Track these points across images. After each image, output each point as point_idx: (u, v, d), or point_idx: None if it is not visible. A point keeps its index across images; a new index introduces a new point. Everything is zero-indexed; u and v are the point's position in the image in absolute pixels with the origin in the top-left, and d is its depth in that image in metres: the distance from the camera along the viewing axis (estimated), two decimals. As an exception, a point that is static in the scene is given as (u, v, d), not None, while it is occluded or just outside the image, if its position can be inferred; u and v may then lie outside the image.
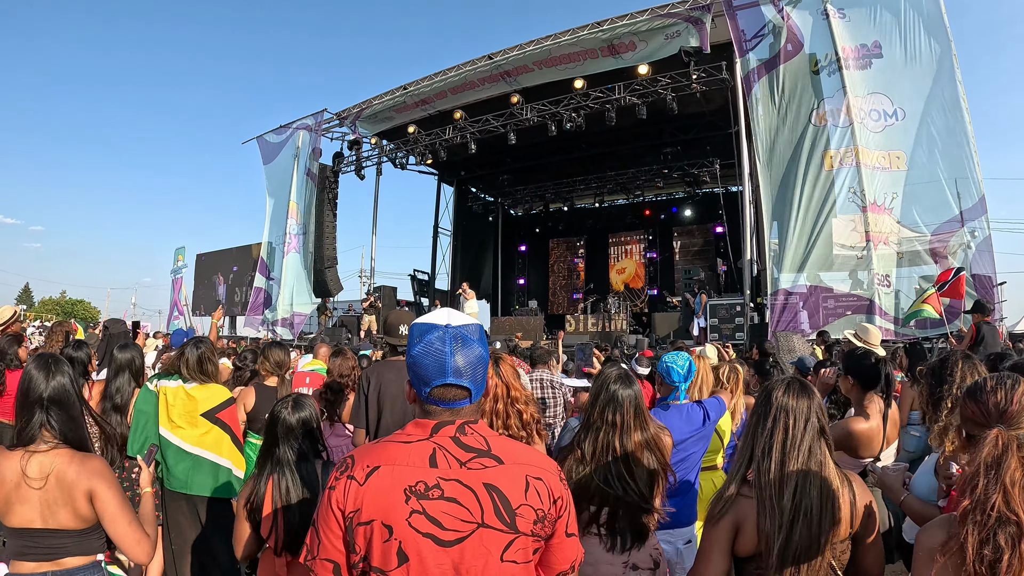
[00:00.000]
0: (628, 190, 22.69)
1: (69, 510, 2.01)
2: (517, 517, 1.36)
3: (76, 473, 2.02)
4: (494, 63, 15.41)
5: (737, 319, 12.92)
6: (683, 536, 3.18)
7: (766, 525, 1.76)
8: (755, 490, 1.82)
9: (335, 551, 1.37)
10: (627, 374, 2.65)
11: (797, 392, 1.89)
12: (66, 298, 75.16)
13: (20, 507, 1.99)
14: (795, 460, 1.80)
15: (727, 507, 1.86)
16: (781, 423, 1.84)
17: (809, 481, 1.78)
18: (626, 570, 2.48)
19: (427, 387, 1.41)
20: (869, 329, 6.39)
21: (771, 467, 1.80)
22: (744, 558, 1.86)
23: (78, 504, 2.01)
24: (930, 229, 10.29)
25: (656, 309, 19.09)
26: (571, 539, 1.49)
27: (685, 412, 3.24)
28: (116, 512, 2.05)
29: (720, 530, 1.85)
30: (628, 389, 2.56)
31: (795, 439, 1.82)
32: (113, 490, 2.06)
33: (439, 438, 1.40)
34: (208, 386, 3.87)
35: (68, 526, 2.02)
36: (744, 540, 1.83)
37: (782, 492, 1.77)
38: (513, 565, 1.36)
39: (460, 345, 1.41)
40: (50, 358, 2.18)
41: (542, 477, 1.42)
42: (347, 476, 1.37)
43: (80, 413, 2.16)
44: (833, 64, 11.10)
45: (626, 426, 2.51)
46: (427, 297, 22.19)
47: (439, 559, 1.32)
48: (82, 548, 2.07)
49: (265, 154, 21.26)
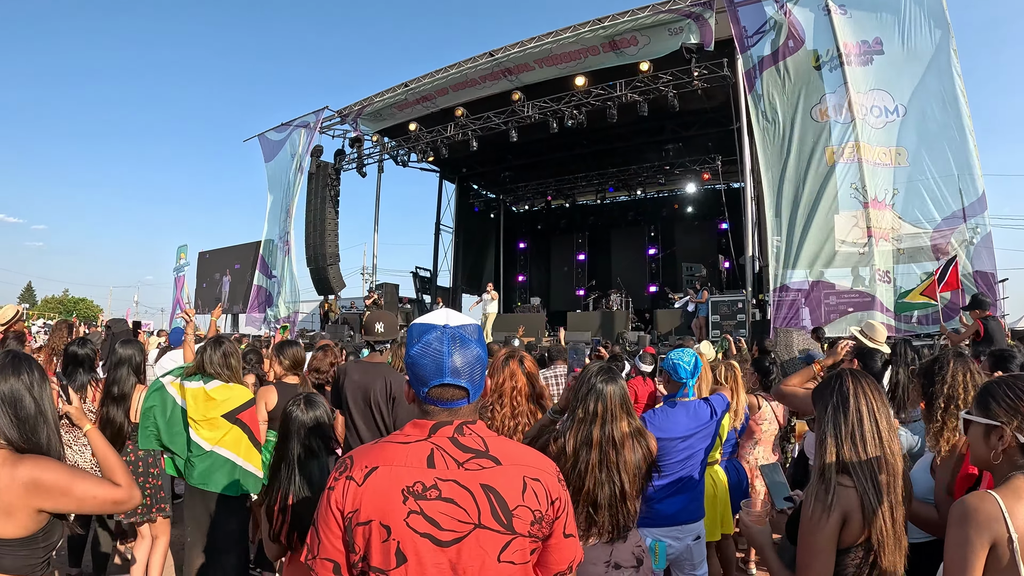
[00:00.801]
0: (630, 187, 22.69)
1: (3, 515, 1.73)
2: (514, 518, 1.36)
3: (10, 474, 1.74)
4: (495, 60, 15.39)
5: (739, 316, 12.93)
6: (692, 532, 3.20)
7: (878, 511, 1.76)
8: (856, 479, 1.79)
9: (335, 551, 1.38)
10: (611, 368, 2.63)
11: (864, 379, 1.91)
12: (68, 296, 75.34)
13: None
14: (880, 444, 1.82)
15: (834, 500, 1.79)
16: (865, 410, 1.84)
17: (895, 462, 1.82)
18: (608, 569, 2.45)
19: (425, 387, 1.41)
20: (876, 327, 6.36)
21: (864, 453, 1.81)
22: (843, 549, 1.82)
23: (15, 506, 1.74)
24: (931, 225, 10.28)
25: (658, 306, 19.10)
26: (569, 540, 1.49)
27: (692, 409, 3.25)
28: (70, 483, 1.80)
29: (832, 525, 1.79)
30: (612, 384, 2.54)
31: (877, 422, 1.84)
32: (55, 467, 1.81)
33: (437, 439, 1.41)
34: (230, 387, 3.84)
35: (3, 534, 1.74)
36: (850, 532, 1.80)
37: (877, 476, 1.79)
38: (510, 566, 1.37)
39: (458, 345, 1.41)
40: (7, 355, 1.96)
41: (540, 478, 1.42)
42: (346, 476, 1.38)
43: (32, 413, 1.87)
44: (834, 60, 11.08)
45: (610, 416, 2.49)
46: (429, 294, 22.21)
47: (437, 559, 1.33)
48: (15, 564, 1.75)
49: (266, 152, 21.27)
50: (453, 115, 17.23)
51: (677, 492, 3.13)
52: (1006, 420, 1.59)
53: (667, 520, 3.11)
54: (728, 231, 16.98)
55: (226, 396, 3.82)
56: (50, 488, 1.76)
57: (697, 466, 3.22)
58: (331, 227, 20.10)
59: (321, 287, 20.11)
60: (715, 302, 13.56)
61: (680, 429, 3.13)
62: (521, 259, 26.29)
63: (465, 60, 15.94)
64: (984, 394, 1.69)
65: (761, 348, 7.61)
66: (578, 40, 14.29)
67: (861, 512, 1.77)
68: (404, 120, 18.56)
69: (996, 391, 1.64)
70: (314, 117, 19.28)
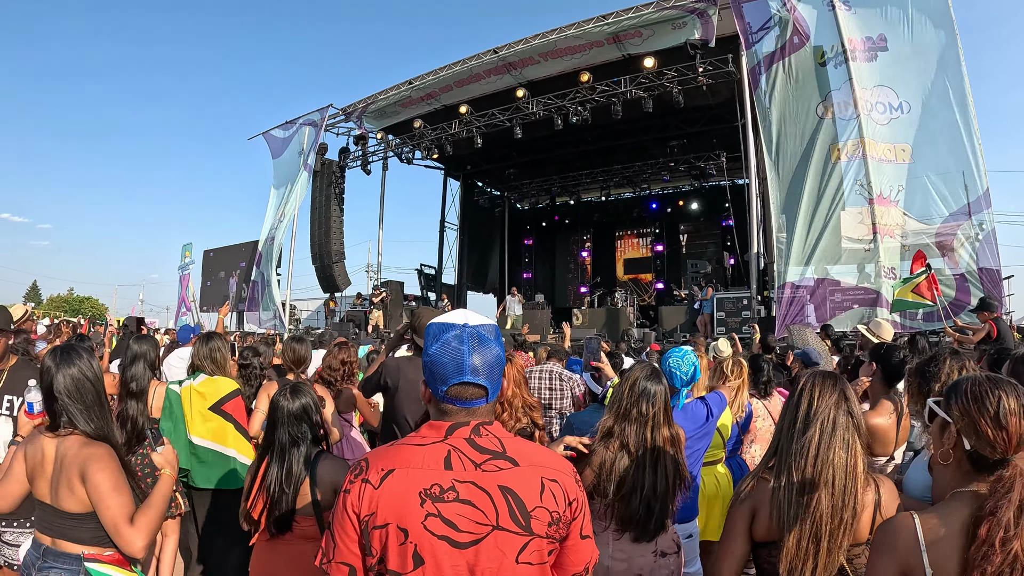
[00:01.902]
0: (634, 183, 22.64)
1: (66, 491, 2.10)
2: (532, 519, 1.36)
3: (74, 456, 2.10)
4: (499, 56, 15.39)
5: (744, 313, 12.91)
6: (685, 531, 3.23)
7: (781, 515, 1.78)
8: (775, 479, 1.83)
9: (351, 554, 1.38)
10: (657, 370, 2.72)
11: (829, 386, 1.89)
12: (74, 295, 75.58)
13: (39, 481, 2.16)
14: (821, 458, 1.80)
15: (747, 491, 1.89)
16: (818, 421, 1.84)
17: (833, 479, 1.78)
18: (656, 557, 2.58)
19: (444, 385, 1.40)
20: (882, 324, 6.36)
21: (797, 460, 1.81)
22: (760, 543, 1.88)
23: (74, 485, 2.08)
24: (936, 222, 10.25)
25: (663, 303, 19.07)
26: (586, 541, 1.49)
27: (688, 410, 3.26)
28: (105, 494, 2.06)
29: (740, 512, 1.88)
30: (659, 384, 2.64)
31: (826, 435, 1.82)
32: (105, 473, 2.09)
33: (454, 440, 1.40)
34: (214, 379, 3.99)
35: (68, 508, 2.10)
36: (759, 525, 1.84)
37: (803, 486, 1.78)
38: (528, 567, 1.37)
39: (478, 344, 1.40)
40: (62, 349, 2.27)
41: (557, 479, 1.42)
42: (362, 479, 1.37)
43: (95, 403, 2.22)
44: (839, 56, 11.05)
45: (657, 420, 2.59)
46: (434, 291, 22.24)
47: (454, 561, 1.32)
48: (75, 535, 2.11)
49: (273, 149, 21.30)
50: (457, 112, 17.26)
51: None
52: (956, 418, 1.54)
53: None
54: (733, 228, 16.93)
55: (211, 389, 3.95)
56: (91, 486, 2.06)
57: (694, 466, 3.24)
58: (336, 225, 20.15)
59: (326, 285, 20.16)
60: (720, 299, 13.54)
61: None
62: (526, 256, 26.28)
63: (469, 56, 15.94)
64: (951, 388, 1.62)
65: (764, 345, 7.57)
66: (582, 35, 14.28)
67: (771, 511, 1.81)
68: (408, 117, 18.59)
69: (960, 388, 1.57)
70: (319, 115, 19.31)
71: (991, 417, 1.48)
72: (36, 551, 2.16)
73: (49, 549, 2.12)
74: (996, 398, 1.49)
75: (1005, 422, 1.46)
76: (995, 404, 1.48)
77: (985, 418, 1.49)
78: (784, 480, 1.81)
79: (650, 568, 2.57)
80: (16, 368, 3.42)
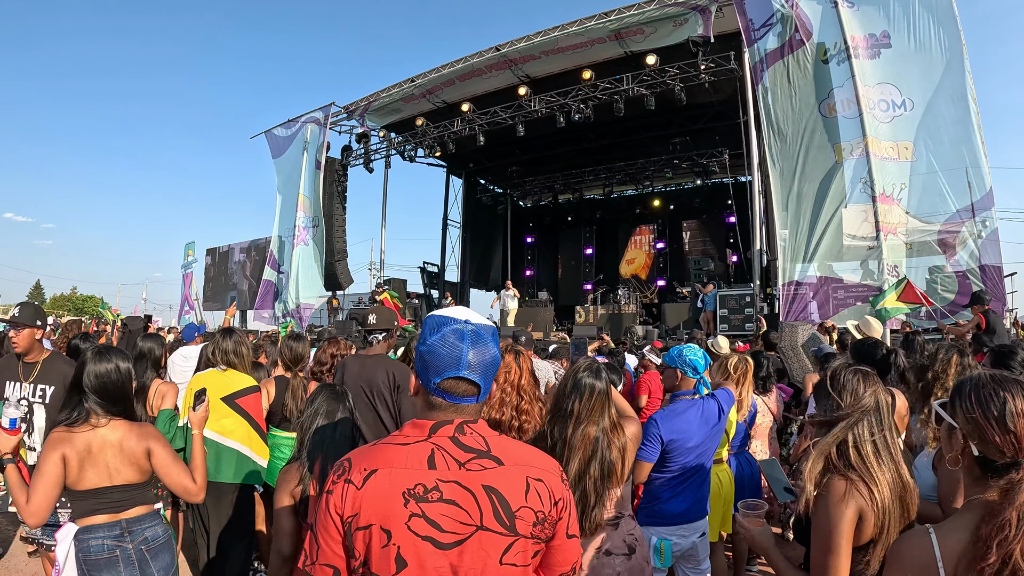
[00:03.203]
0: (637, 181, 22.63)
1: (133, 468, 2.50)
2: (517, 519, 1.34)
3: (137, 437, 2.51)
4: (501, 54, 15.39)
5: (747, 310, 12.89)
6: (698, 529, 3.23)
7: (880, 516, 1.73)
8: (865, 480, 1.77)
9: (334, 556, 1.36)
10: (598, 365, 2.64)
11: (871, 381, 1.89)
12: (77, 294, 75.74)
13: (90, 471, 2.44)
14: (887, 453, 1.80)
15: (849, 496, 1.75)
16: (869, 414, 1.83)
17: (899, 472, 1.79)
18: (599, 555, 2.52)
19: (438, 378, 1.37)
20: (871, 323, 6.36)
21: (870, 457, 1.79)
22: (856, 548, 1.78)
23: (140, 461, 2.51)
24: (939, 220, 10.22)
25: (666, 300, 19.07)
26: (572, 540, 1.47)
27: (703, 408, 3.23)
28: (168, 464, 2.55)
29: (847, 520, 1.73)
30: (596, 379, 2.55)
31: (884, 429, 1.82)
32: (165, 448, 2.58)
33: (437, 439, 1.38)
34: (230, 372, 4.00)
35: (132, 480, 2.51)
36: (866, 529, 1.75)
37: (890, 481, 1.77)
38: (512, 568, 1.35)
39: (476, 342, 1.39)
40: (99, 349, 2.62)
41: (543, 478, 1.40)
42: (344, 480, 1.35)
43: (124, 391, 2.60)
44: (842, 53, 11.01)
45: (583, 417, 2.50)
46: (437, 289, 22.25)
47: (437, 562, 1.30)
48: (145, 498, 2.58)
49: (274, 148, 21.31)
50: (460, 110, 17.25)
51: (685, 491, 3.15)
52: (961, 424, 1.48)
53: (674, 519, 3.13)
54: (736, 225, 16.93)
55: (226, 380, 3.94)
56: (157, 458, 2.54)
57: (706, 464, 3.24)
58: (339, 223, 20.16)
59: (329, 283, 20.19)
60: (723, 296, 13.52)
61: (692, 430, 3.12)
62: (529, 254, 26.28)
63: (472, 54, 15.95)
64: (954, 390, 1.56)
65: (767, 342, 7.56)
66: (584, 32, 14.27)
67: (877, 513, 1.74)
68: (411, 115, 18.59)
69: (963, 390, 1.52)
70: (321, 113, 19.31)
71: (996, 420, 1.42)
72: (112, 530, 2.47)
73: (130, 520, 2.51)
74: (1001, 400, 1.43)
75: (1012, 425, 1.40)
76: (1000, 406, 1.43)
77: (990, 422, 1.43)
78: (877, 479, 1.76)
79: (591, 565, 2.51)
80: (49, 360, 3.70)
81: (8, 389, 3.56)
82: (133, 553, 2.46)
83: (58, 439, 2.42)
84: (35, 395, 3.55)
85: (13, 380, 3.58)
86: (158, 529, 2.58)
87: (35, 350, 3.64)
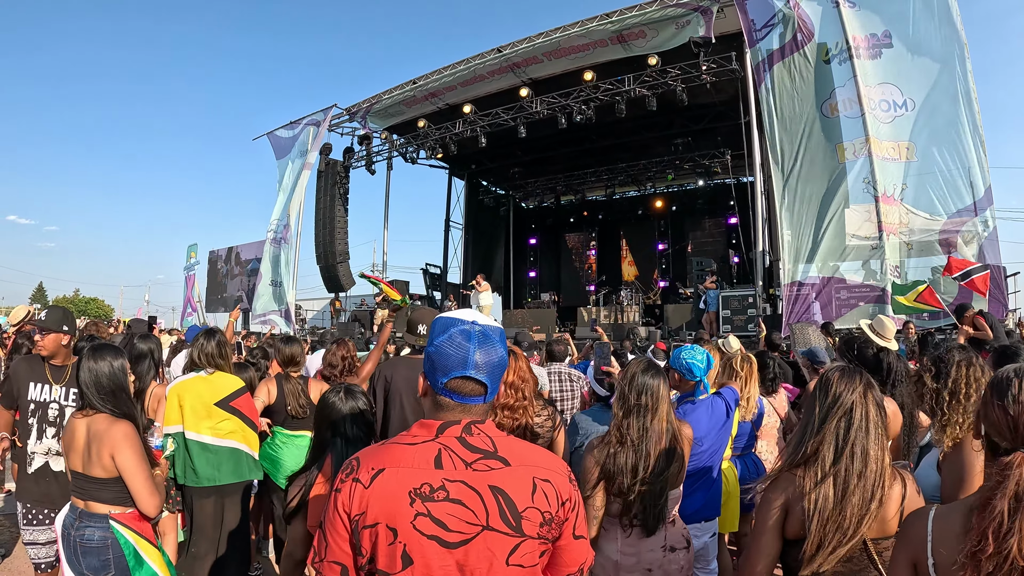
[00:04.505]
0: (639, 181, 22.62)
1: (99, 464, 2.57)
2: (523, 520, 1.34)
3: (104, 433, 2.58)
4: (503, 56, 15.40)
5: (750, 311, 12.88)
6: (709, 530, 3.25)
7: (809, 509, 1.76)
8: (807, 474, 1.81)
9: (342, 553, 1.37)
10: (654, 364, 2.73)
11: (856, 379, 1.89)
12: (79, 296, 75.87)
13: (71, 454, 2.63)
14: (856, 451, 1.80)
15: (776, 487, 1.85)
16: (850, 414, 1.83)
17: (864, 471, 1.78)
18: (665, 552, 2.58)
19: (445, 377, 1.39)
20: (885, 323, 6.33)
21: (831, 454, 1.80)
22: (791, 541, 1.84)
23: (104, 458, 2.56)
24: (940, 220, 10.22)
25: (668, 301, 19.05)
26: (579, 541, 1.47)
27: (710, 407, 3.27)
28: (132, 468, 2.58)
29: (772, 509, 1.83)
30: (656, 378, 2.63)
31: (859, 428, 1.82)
32: (132, 450, 2.58)
33: (445, 439, 1.39)
34: (219, 375, 3.96)
35: (96, 475, 2.58)
36: (793, 522, 1.81)
37: (834, 479, 1.77)
38: (519, 568, 1.35)
39: (484, 343, 1.40)
40: (96, 347, 2.74)
41: (550, 479, 1.40)
42: (352, 479, 1.37)
43: (117, 389, 2.68)
44: (844, 53, 11.02)
45: (656, 412, 2.58)
46: (439, 291, 22.23)
47: (443, 561, 1.31)
48: (104, 496, 2.60)
49: (277, 149, 21.35)
50: (462, 112, 17.26)
51: (698, 490, 3.15)
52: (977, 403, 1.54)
53: (687, 518, 3.14)
54: (738, 226, 16.91)
55: (217, 384, 3.91)
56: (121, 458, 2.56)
57: (717, 464, 3.26)
58: (340, 225, 20.19)
59: (331, 285, 20.21)
60: (725, 297, 13.50)
61: (702, 428, 3.14)
62: (531, 255, 26.27)
63: (473, 56, 15.97)
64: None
65: (769, 343, 7.56)
66: (586, 34, 14.28)
67: (806, 507, 1.78)
68: (413, 117, 18.61)
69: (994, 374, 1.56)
70: (323, 115, 19.35)
71: (1001, 401, 1.47)
72: (73, 513, 2.63)
73: (83, 511, 2.60)
74: (1008, 383, 1.48)
75: (1012, 409, 1.45)
76: (1006, 390, 1.47)
77: (994, 402, 1.49)
78: (818, 474, 1.79)
79: (659, 563, 2.57)
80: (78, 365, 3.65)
81: (34, 391, 3.54)
82: (72, 541, 2.60)
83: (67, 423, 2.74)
84: (67, 398, 3.56)
85: (40, 382, 3.56)
86: (95, 532, 2.58)
87: (61, 354, 3.63)
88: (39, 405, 3.54)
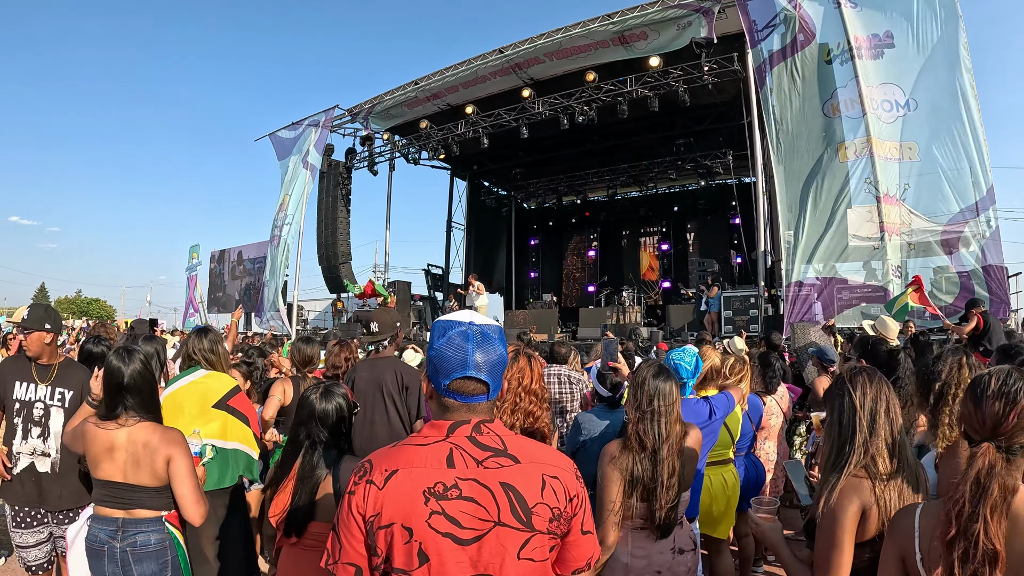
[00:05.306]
0: (641, 182, 22.61)
1: (148, 470, 2.53)
2: (533, 515, 1.38)
3: (159, 441, 2.55)
4: (505, 56, 15.41)
5: (751, 311, 12.88)
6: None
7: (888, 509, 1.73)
8: (871, 477, 1.78)
9: (356, 555, 1.40)
10: (664, 368, 2.74)
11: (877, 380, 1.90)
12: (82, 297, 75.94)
13: (105, 464, 2.54)
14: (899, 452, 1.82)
15: (850, 491, 1.78)
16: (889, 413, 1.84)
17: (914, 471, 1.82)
18: (674, 554, 2.62)
19: (447, 379, 1.42)
20: (887, 323, 6.36)
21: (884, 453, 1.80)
22: (860, 544, 1.78)
23: (157, 466, 2.53)
24: (942, 220, 10.22)
25: (670, 301, 19.05)
26: (587, 536, 1.50)
27: (691, 407, 3.29)
28: (184, 475, 2.56)
29: (848, 517, 1.75)
30: (668, 381, 2.65)
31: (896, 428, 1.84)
32: (185, 458, 2.59)
33: (455, 438, 1.43)
34: (213, 375, 3.89)
35: (145, 483, 2.54)
36: (870, 525, 1.76)
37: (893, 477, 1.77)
38: (530, 563, 1.39)
39: (482, 342, 1.44)
40: (124, 350, 2.68)
41: (558, 476, 1.44)
42: (366, 481, 1.40)
43: (153, 393, 2.69)
44: (845, 53, 11.01)
45: (670, 416, 2.60)
46: (441, 291, 22.25)
47: (458, 558, 1.35)
48: (153, 503, 2.57)
49: (279, 150, 21.39)
50: (464, 112, 17.28)
51: None
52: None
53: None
54: (740, 226, 16.91)
55: (213, 384, 3.83)
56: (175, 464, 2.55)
57: (700, 466, 3.26)
58: (343, 226, 20.21)
59: (333, 285, 20.22)
60: (727, 297, 13.51)
61: None
62: (533, 256, 26.25)
63: (475, 57, 15.99)
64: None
65: (769, 343, 7.56)
66: (588, 34, 14.28)
67: (881, 508, 1.74)
68: (415, 118, 18.62)
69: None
70: (324, 116, 19.37)
71: (972, 396, 1.53)
72: (109, 525, 2.54)
73: (127, 519, 2.53)
74: (981, 382, 1.53)
75: (982, 402, 1.50)
76: (979, 388, 1.53)
77: (969, 400, 1.54)
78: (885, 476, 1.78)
79: (668, 564, 2.60)
80: (64, 365, 3.68)
81: (19, 390, 3.48)
82: (119, 552, 2.51)
83: (79, 428, 2.65)
84: (53, 398, 3.51)
85: (26, 381, 3.50)
86: (151, 536, 2.55)
87: (47, 353, 3.56)
88: (24, 404, 3.47)
